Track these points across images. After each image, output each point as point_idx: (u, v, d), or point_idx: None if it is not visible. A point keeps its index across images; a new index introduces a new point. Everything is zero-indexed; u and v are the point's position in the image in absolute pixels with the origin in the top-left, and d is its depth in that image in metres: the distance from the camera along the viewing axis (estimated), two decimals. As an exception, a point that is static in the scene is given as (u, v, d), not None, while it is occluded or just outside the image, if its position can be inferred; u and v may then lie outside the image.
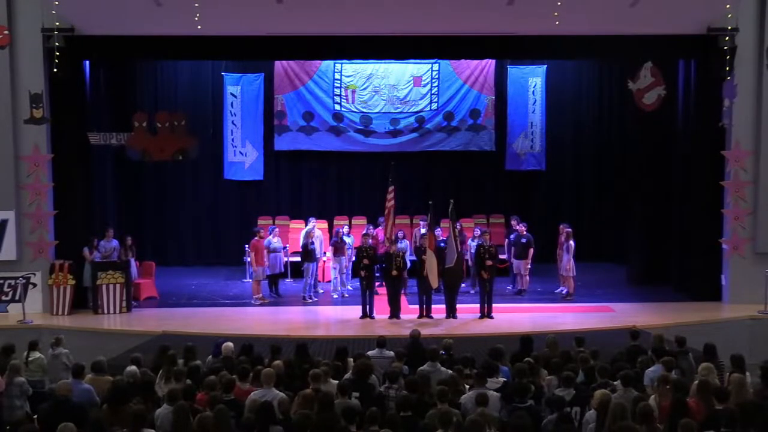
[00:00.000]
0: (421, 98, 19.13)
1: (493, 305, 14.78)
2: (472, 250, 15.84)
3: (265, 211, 19.29)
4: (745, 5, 14.77)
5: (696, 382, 8.29)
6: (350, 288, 16.80)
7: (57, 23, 14.19)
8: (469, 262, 16.18)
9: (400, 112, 19.15)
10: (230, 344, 10.23)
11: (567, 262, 15.85)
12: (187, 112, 16.66)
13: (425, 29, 14.93)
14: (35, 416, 8.46)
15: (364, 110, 19.10)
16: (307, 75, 19.06)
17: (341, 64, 18.91)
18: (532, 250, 16.33)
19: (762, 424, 7.36)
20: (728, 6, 14.12)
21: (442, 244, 14.70)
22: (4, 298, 14.93)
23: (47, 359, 10.64)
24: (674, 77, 16.07)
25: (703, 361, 9.29)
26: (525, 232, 16.41)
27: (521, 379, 8.46)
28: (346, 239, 16.71)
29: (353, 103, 19.13)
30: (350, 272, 16.90)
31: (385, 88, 19.09)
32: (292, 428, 7.36)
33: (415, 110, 19.14)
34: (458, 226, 16.11)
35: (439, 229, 15.66)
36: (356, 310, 14.90)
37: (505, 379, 8.99)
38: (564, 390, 8.45)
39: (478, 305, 14.79)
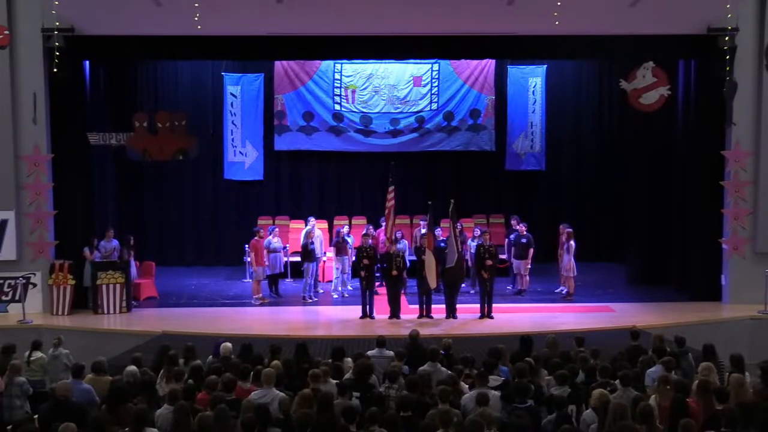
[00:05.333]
0: (421, 98, 19.13)
1: (493, 305, 14.78)
2: (472, 250, 15.84)
3: (265, 211, 19.30)
4: (745, 5, 14.76)
5: (696, 382, 8.29)
6: (350, 288, 16.80)
7: (57, 23, 14.18)
8: (469, 262, 16.18)
9: (400, 112, 19.14)
10: (229, 344, 10.23)
11: (567, 262, 15.86)
12: (187, 112, 16.65)
13: (425, 29, 14.93)
14: (35, 416, 8.45)
15: (364, 110, 19.10)
16: (307, 75, 19.06)
17: (341, 64, 18.90)
18: (532, 250, 16.33)
19: (762, 424, 7.36)
20: (728, 6, 14.12)
21: (442, 244, 14.71)
22: (4, 298, 14.93)
23: (48, 359, 10.64)
24: (674, 77, 16.07)
25: (702, 361, 9.30)
26: (525, 232, 16.41)
27: (521, 379, 8.46)
28: (348, 239, 16.71)
29: (353, 103, 19.13)
30: (351, 272, 16.90)
31: (385, 88, 19.08)
32: (292, 428, 7.36)
33: (415, 110, 19.14)
34: (459, 226, 16.15)
35: (439, 229, 15.67)
36: (356, 310, 14.90)
37: (504, 378, 9.00)
38: (559, 388, 8.45)
39: (478, 305, 14.79)
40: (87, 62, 15.76)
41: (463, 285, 15.18)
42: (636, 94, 15.54)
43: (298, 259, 16.99)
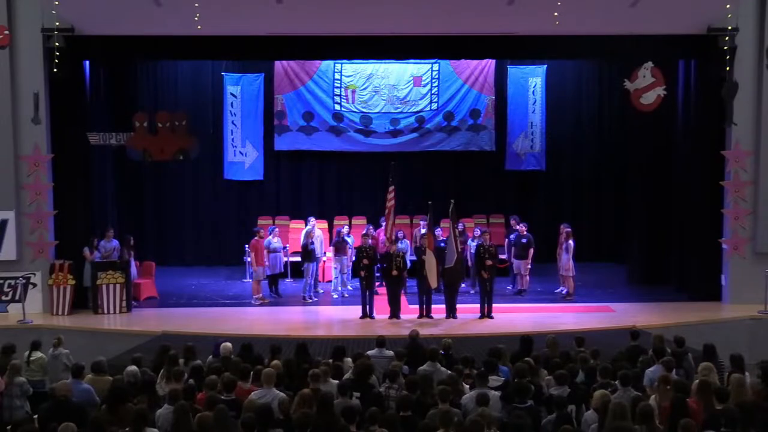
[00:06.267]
0: (421, 98, 19.12)
1: (493, 305, 14.79)
2: (472, 250, 15.85)
3: (265, 211, 19.29)
4: (745, 5, 14.77)
5: (696, 382, 8.28)
6: (350, 288, 16.80)
7: (57, 23, 14.17)
8: (469, 262, 16.18)
9: (400, 112, 19.14)
10: (228, 344, 10.22)
11: (566, 262, 15.86)
12: (187, 112, 16.62)
13: (425, 29, 14.93)
14: (35, 416, 8.45)
15: (364, 110, 19.09)
16: (307, 75, 19.06)
17: (341, 64, 18.90)
18: (532, 250, 16.34)
19: (762, 424, 7.36)
20: (728, 6, 14.12)
21: (442, 244, 14.71)
22: (4, 298, 14.93)
23: (47, 359, 10.65)
24: (674, 77, 16.06)
25: (702, 361, 9.29)
26: (525, 232, 16.41)
27: (521, 379, 8.46)
28: (347, 239, 16.71)
29: (353, 103, 19.12)
30: (350, 272, 16.90)
31: (385, 88, 19.08)
32: (292, 428, 7.37)
33: (415, 110, 19.13)
34: (461, 227, 16.18)
35: (439, 229, 15.67)
36: (356, 310, 14.90)
37: (504, 378, 9.01)
38: (559, 388, 8.45)
39: (478, 305, 14.80)
40: (87, 62, 15.74)
41: (463, 285, 15.19)
42: (637, 94, 15.48)
43: (298, 259, 16.99)
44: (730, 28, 14.78)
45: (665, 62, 15.63)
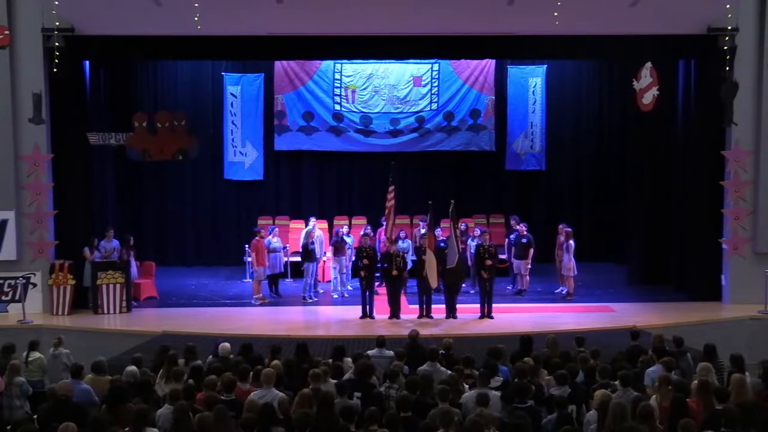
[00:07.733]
0: (421, 98, 19.13)
1: (493, 305, 14.78)
2: (472, 250, 15.85)
3: (265, 211, 19.32)
4: (745, 5, 14.77)
5: (696, 382, 8.28)
6: (350, 288, 16.80)
7: (57, 23, 14.16)
8: (469, 262, 16.18)
9: (400, 112, 19.15)
10: (227, 345, 10.23)
11: (568, 262, 15.85)
12: (187, 112, 16.66)
13: (425, 29, 14.93)
14: (35, 416, 8.45)
15: (364, 110, 19.10)
16: (307, 75, 19.07)
17: (341, 64, 18.91)
18: (532, 250, 16.33)
19: (762, 424, 7.36)
20: (728, 6, 14.12)
21: (442, 244, 14.71)
22: (4, 298, 14.93)
23: (47, 359, 10.65)
24: (674, 77, 16.06)
25: (702, 361, 9.29)
26: (525, 232, 16.41)
27: (521, 379, 8.46)
28: (346, 239, 16.72)
29: (353, 103, 19.14)
30: (350, 272, 16.90)
31: (385, 88, 19.09)
32: (292, 428, 7.36)
33: (415, 110, 19.14)
34: (463, 226, 16.17)
35: (439, 229, 15.67)
36: (356, 310, 14.90)
37: (504, 378, 9.01)
38: (559, 388, 8.45)
39: (478, 305, 14.79)
40: (87, 62, 15.74)
41: (463, 285, 15.19)
42: (641, 93, 15.47)
43: (298, 259, 16.99)
44: (730, 28, 14.78)
45: (665, 62, 15.64)
